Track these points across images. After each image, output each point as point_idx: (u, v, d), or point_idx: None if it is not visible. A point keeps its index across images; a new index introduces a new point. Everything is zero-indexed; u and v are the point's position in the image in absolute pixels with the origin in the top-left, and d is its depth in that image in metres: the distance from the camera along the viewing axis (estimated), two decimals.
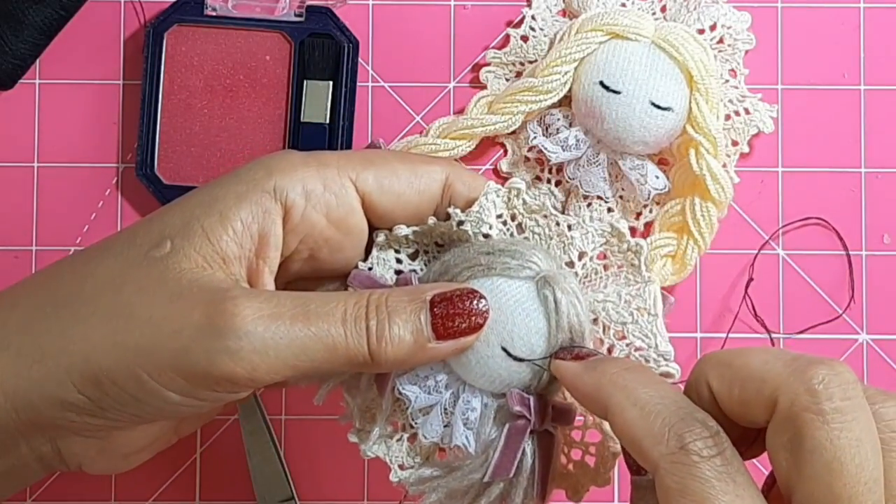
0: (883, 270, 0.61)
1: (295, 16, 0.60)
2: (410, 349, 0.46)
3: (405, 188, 0.49)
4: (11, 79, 0.60)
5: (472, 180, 0.50)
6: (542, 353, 0.47)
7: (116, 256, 0.46)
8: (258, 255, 0.47)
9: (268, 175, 0.47)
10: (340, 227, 0.49)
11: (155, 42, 0.60)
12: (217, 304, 0.44)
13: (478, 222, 0.48)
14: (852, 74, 0.61)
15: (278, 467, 0.60)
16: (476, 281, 0.48)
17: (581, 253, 0.49)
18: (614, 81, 0.58)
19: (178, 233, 0.46)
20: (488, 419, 0.48)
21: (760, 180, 0.61)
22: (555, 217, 0.48)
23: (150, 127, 0.60)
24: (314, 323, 0.45)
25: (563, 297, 0.47)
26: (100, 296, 0.45)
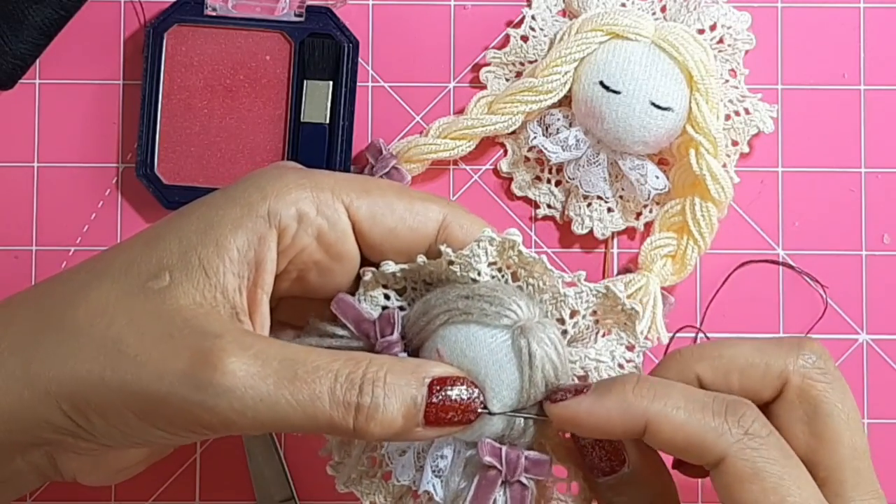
0: (883, 270, 0.61)
1: (295, 16, 0.60)
2: (398, 431, 0.45)
3: (398, 223, 0.48)
4: (11, 79, 0.60)
5: (471, 225, 0.49)
6: (513, 406, 0.46)
7: (113, 283, 0.46)
8: (255, 282, 0.46)
9: (262, 198, 0.46)
10: (330, 251, 0.48)
11: (155, 42, 0.60)
12: (204, 354, 0.44)
13: (467, 266, 0.47)
14: (852, 74, 0.61)
15: (278, 467, 0.60)
16: (452, 327, 0.47)
17: (573, 311, 0.48)
18: (614, 81, 0.58)
19: (177, 265, 0.45)
20: (458, 468, 0.47)
21: (760, 180, 0.61)
22: (550, 271, 0.47)
23: (150, 127, 0.60)
24: (299, 391, 0.44)
25: (539, 350, 0.46)
26: (91, 325, 0.45)
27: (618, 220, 0.60)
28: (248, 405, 0.43)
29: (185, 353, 0.44)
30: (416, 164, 0.60)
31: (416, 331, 0.48)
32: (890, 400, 0.60)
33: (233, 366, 0.43)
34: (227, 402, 0.43)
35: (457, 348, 0.46)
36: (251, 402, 0.43)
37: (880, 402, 0.60)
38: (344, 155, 0.60)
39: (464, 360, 0.46)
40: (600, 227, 0.60)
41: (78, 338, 0.45)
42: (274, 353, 0.44)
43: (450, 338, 0.47)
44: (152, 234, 0.47)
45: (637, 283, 0.59)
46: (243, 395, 0.43)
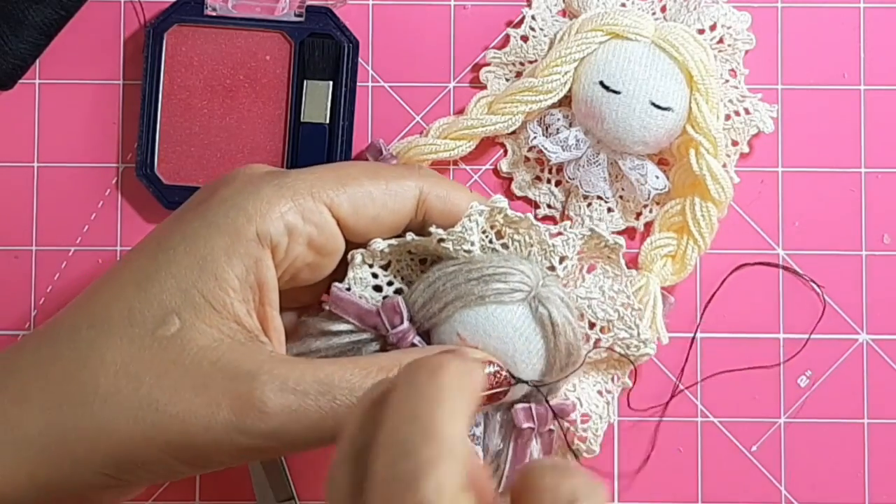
0: (883, 270, 0.61)
1: (295, 16, 0.60)
2: None
3: (380, 210, 0.49)
4: (11, 79, 0.60)
5: (447, 191, 0.50)
6: (542, 370, 0.48)
7: (122, 338, 0.45)
8: (262, 302, 0.46)
9: (248, 220, 0.46)
10: (321, 251, 0.48)
11: (155, 42, 0.60)
12: (244, 399, 0.44)
13: (460, 241, 0.49)
14: (852, 74, 0.61)
15: (278, 467, 0.60)
16: (469, 311, 0.48)
17: (563, 257, 0.50)
18: (614, 81, 0.58)
19: (182, 306, 0.45)
20: (493, 431, 0.49)
21: (760, 180, 0.61)
22: (536, 226, 0.49)
23: (150, 127, 0.60)
24: (342, 415, 0.45)
25: (559, 316, 0.48)
26: (118, 390, 0.45)
27: (618, 220, 0.60)
28: (297, 437, 0.44)
29: (224, 401, 0.44)
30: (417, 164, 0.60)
31: (427, 315, 0.49)
32: (890, 400, 0.60)
33: (275, 406, 0.44)
34: (276, 439, 0.44)
35: (479, 330, 0.48)
36: (298, 434, 0.44)
37: (880, 402, 0.60)
38: (344, 155, 0.60)
39: (489, 340, 0.48)
40: (600, 227, 0.60)
41: (110, 406, 0.44)
42: (310, 380, 0.45)
43: (469, 321, 0.48)
44: (141, 274, 0.46)
45: (637, 283, 0.58)
46: (290, 430, 0.44)
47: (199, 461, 0.45)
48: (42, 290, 0.61)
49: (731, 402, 0.60)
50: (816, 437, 0.60)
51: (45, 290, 0.61)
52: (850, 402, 0.60)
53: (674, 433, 0.60)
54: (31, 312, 0.61)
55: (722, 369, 0.60)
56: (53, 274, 0.61)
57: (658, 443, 0.60)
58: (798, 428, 0.60)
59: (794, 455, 0.60)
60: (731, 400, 0.60)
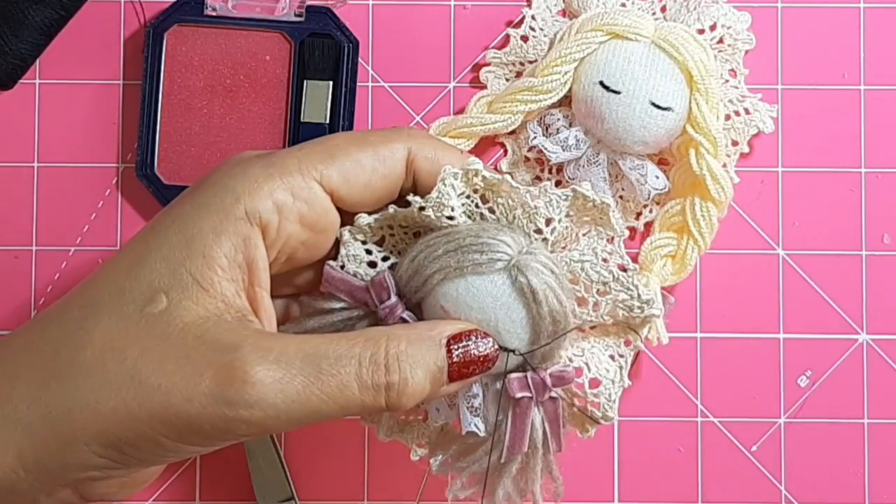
0: (883, 270, 0.61)
1: (295, 16, 0.60)
2: (426, 395, 0.46)
3: (370, 176, 0.48)
4: (11, 79, 0.60)
5: (436, 152, 0.49)
6: (529, 339, 0.48)
7: (110, 315, 0.45)
8: (251, 282, 0.46)
9: (236, 200, 0.46)
10: (315, 228, 0.48)
11: (155, 42, 0.60)
12: (227, 369, 0.44)
13: (439, 207, 0.48)
14: (852, 74, 0.61)
15: (278, 467, 0.60)
16: (450, 283, 0.48)
17: (548, 219, 0.49)
18: (614, 81, 0.58)
19: (170, 284, 0.45)
20: (493, 401, 0.49)
21: (760, 180, 0.61)
22: (516, 188, 0.48)
23: (150, 127, 0.60)
24: (327, 384, 0.44)
25: (539, 284, 0.47)
26: (103, 363, 0.45)
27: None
28: (281, 409, 0.44)
29: (207, 371, 0.44)
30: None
31: (413, 289, 0.49)
32: (890, 400, 0.60)
33: (259, 375, 0.44)
34: (261, 410, 0.44)
35: (461, 302, 0.48)
36: (283, 405, 0.44)
37: (880, 402, 0.60)
38: None
39: (471, 312, 0.48)
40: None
41: (93, 379, 0.44)
42: (294, 352, 0.44)
43: (450, 294, 0.48)
44: (133, 256, 0.46)
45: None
46: (275, 401, 0.44)
47: (184, 435, 0.44)
48: (42, 290, 0.61)
49: (731, 402, 0.60)
50: (816, 437, 0.60)
51: (45, 290, 0.61)
52: (850, 402, 0.60)
53: (674, 433, 0.60)
54: (31, 312, 0.61)
55: (722, 369, 0.60)
56: (53, 274, 0.61)
57: (658, 443, 0.60)
58: (798, 428, 0.60)
59: (794, 455, 0.60)
60: (731, 400, 0.60)
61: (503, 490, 0.50)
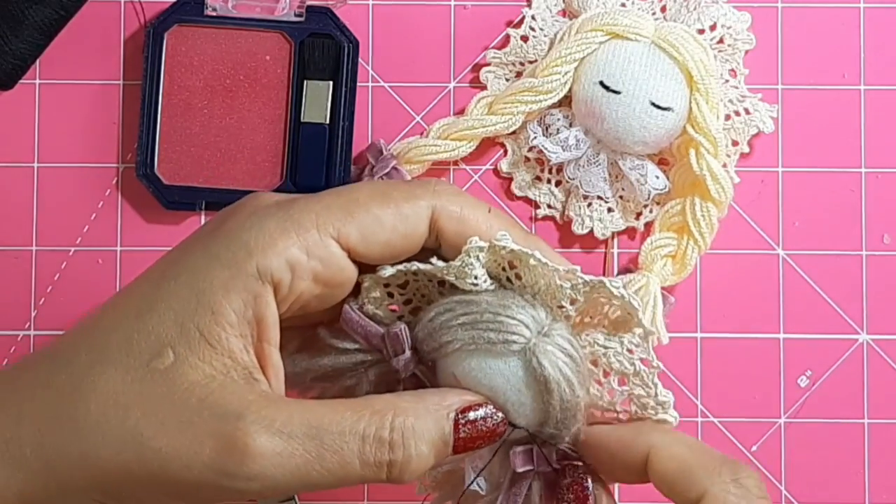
0: (883, 270, 0.61)
1: (295, 16, 0.60)
2: (429, 467, 0.46)
3: (390, 235, 0.47)
4: (11, 79, 0.60)
5: (461, 208, 0.47)
6: (538, 420, 0.47)
7: (117, 368, 0.45)
8: (260, 338, 0.45)
9: (248, 255, 0.45)
10: (329, 284, 0.47)
11: (155, 42, 0.60)
12: (228, 440, 0.43)
13: (461, 275, 0.46)
14: (852, 74, 0.61)
15: None
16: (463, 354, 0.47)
17: (573, 299, 0.47)
18: (614, 81, 0.58)
19: (177, 339, 0.44)
20: (497, 463, 0.48)
21: (760, 180, 0.61)
22: (544, 264, 0.46)
23: (150, 127, 0.60)
24: (328, 461, 0.44)
25: (552, 373, 0.46)
26: (106, 419, 0.44)
27: (618, 220, 0.60)
28: (280, 482, 0.43)
29: (208, 440, 0.43)
30: (417, 164, 0.60)
31: (427, 349, 0.47)
32: (890, 400, 0.60)
33: (260, 448, 0.43)
34: (259, 483, 0.43)
35: (471, 377, 0.47)
36: (282, 479, 0.43)
37: (880, 402, 0.60)
38: (344, 155, 0.60)
39: (481, 388, 0.46)
40: (600, 227, 0.60)
41: (96, 434, 0.44)
42: (297, 423, 0.44)
43: (462, 366, 0.47)
44: (142, 302, 0.46)
45: (637, 283, 0.59)
46: (273, 474, 0.43)
47: (183, 497, 0.44)
48: (42, 290, 0.61)
49: (731, 402, 0.60)
50: (816, 437, 0.60)
51: (45, 290, 0.61)
52: (850, 402, 0.60)
53: None
54: (31, 312, 0.61)
55: (722, 369, 0.60)
56: (53, 274, 0.61)
57: None
58: (798, 428, 0.60)
59: (794, 455, 0.60)
60: (731, 400, 0.60)
61: None
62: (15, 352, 0.61)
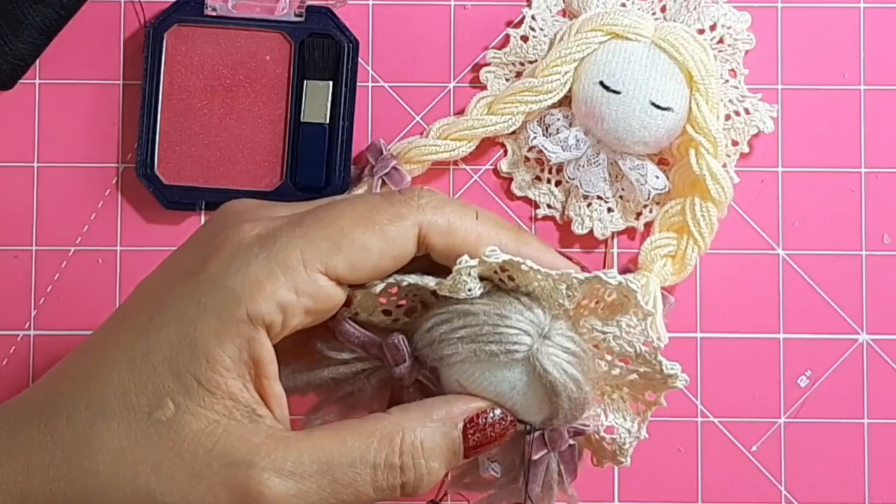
0: (883, 270, 0.61)
1: (295, 16, 0.60)
2: (440, 478, 0.46)
3: (378, 260, 0.46)
4: (11, 79, 0.60)
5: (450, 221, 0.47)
6: (547, 417, 0.47)
7: (119, 423, 0.44)
8: (259, 375, 0.45)
9: (236, 303, 0.44)
10: (321, 314, 0.47)
11: (155, 42, 0.60)
12: (241, 489, 0.43)
13: (455, 291, 0.46)
14: (852, 74, 0.61)
15: None
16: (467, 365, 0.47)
17: (569, 297, 0.47)
18: (614, 81, 0.58)
19: (176, 389, 0.44)
20: (510, 448, 0.48)
21: (760, 180, 0.61)
22: (536, 271, 0.46)
23: (150, 127, 0.60)
24: (343, 494, 0.44)
25: (558, 376, 0.46)
26: (116, 478, 0.44)
27: (618, 220, 0.60)
28: None
29: (222, 492, 0.43)
30: (417, 164, 0.60)
31: (429, 358, 0.47)
32: (890, 400, 0.60)
33: (275, 493, 0.43)
34: None
35: (477, 385, 0.47)
36: None
37: (880, 402, 0.60)
38: (344, 155, 0.60)
39: (488, 395, 0.47)
40: (600, 227, 0.60)
41: (109, 495, 0.44)
42: (308, 461, 0.44)
43: (467, 375, 0.47)
44: (134, 351, 0.45)
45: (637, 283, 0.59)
46: None
47: None
48: (42, 290, 0.61)
49: (731, 402, 0.60)
50: (816, 437, 0.60)
51: (45, 290, 0.61)
52: (850, 402, 0.60)
53: (674, 433, 0.60)
54: (31, 312, 0.61)
55: (722, 369, 0.60)
56: (53, 274, 0.61)
57: (658, 443, 0.60)
58: (798, 428, 0.60)
59: (794, 455, 0.60)
60: (731, 400, 0.60)
61: None
62: (15, 352, 0.61)
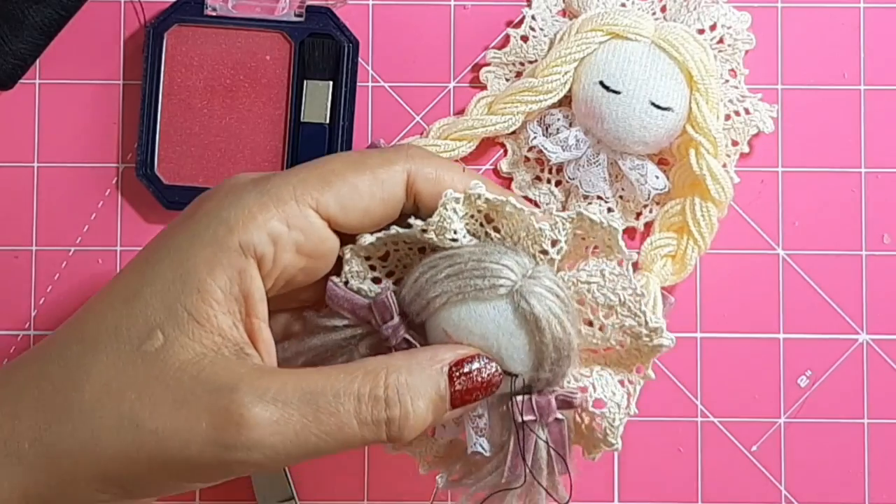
0: (883, 270, 0.61)
1: (295, 16, 0.60)
2: (428, 424, 0.46)
3: (368, 201, 0.47)
4: (11, 79, 0.60)
5: (436, 170, 0.48)
6: (532, 364, 0.47)
7: (108, 354, 0.45)
8: (248, 314, 0.46)
9: (229, 231, 0.45)
10: (313, 255, 0.47)
11: (155, 42, 0.60)
12: (223, 413, 0.43)
13: (441, 230, 0.47)
14: (852, 74, 0.61)
15: None
16: (452, 308, 0.47)
17: (554, 241, 0.48)
18: (614, 81, 0.58)
19: (166, 321, 0.45)
20: (498, 421, 0.48)
21: (760, 180, 0.61)
22: (520, 210, 0.47)
23: (150, 127, 0.60)
24: (325, 423, 0.44)
25: (542, 311, 0.46)
26: (101, 405, 0.44)
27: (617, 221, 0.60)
28: (279, 449, 0.44)
29: (204, 415, 0.43)
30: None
31: (415, 311, 0.48)
32: (890, 400, 0.60)
33: (256, 418, 0.43)
34: (259, 453, 0.43)
35: (462, 327, 0.47)
36: (281, 446, 0.44)
37: (880, 402, 0.60)
38: None
39: (473, 338, 0.47)
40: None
41: (92, 422, 0.44)
42: (291, 390, 0.44)
43: (452, 319, 0.47)
44: (129, 289, 0.46)
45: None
46: (272, 443, 0.43)
47: (186, 476, 0.44)
48: (42, 290, 0.61)
49: (731, 402, 0.60)
50: (816, 437, 0.60)
51: (45, 290, 0.61)
52: (850, 402, 0.60)
53: (674, 433, 0.60)
54: (31, 312, 0.61)
55: (722, 369, 0.60)
56: (53, 274, 0.61)
57: (658, 443, 0.60)
58: (798, 428, 0.60)
59: (794, 455, 0.60)
60: (731, 400, 0.60)
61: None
62: (15, 352, 0.61)
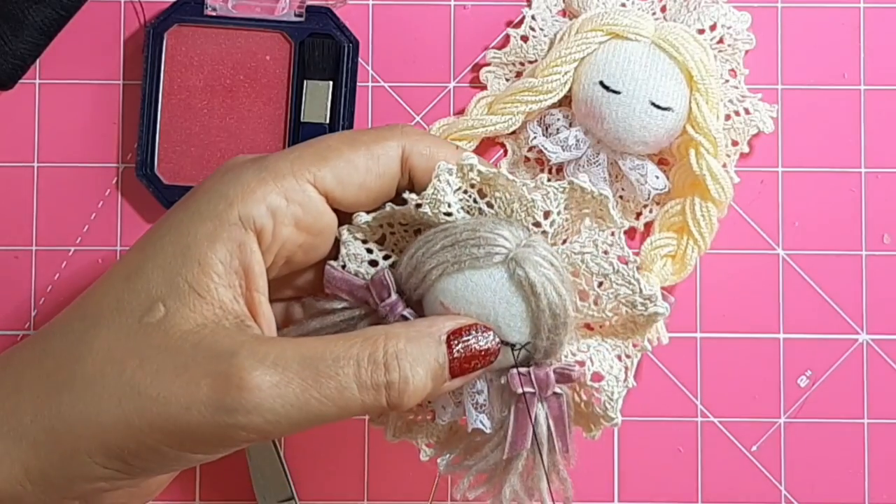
0: (883, 270, 0.61)
1: (295, 16, 0.60)
2: (427, 392, 0.46)
3: (364, 176, 0.48)
4: (11, 79, 0.60)
5: (430, 147, 0.49)
6: (530, 333, 0.48)
7: (109, 327, 0.45)
8: (249, 287, 0.46)
9: (229, 205, 0.46)
10: (311, 230, 0.48)
11: (155, 42, 0.60)
12: (224, 376, 0.44)
13: (435, 203, 0.48)
14: (852, 74, 0.61)
15: (278, 467, 0.60)
16: (448, 278, 0.47)
17: (546, 212, 0.48)
18: (614, 81, 0.58)
19: (167, 293, 0.45)
20: (497, 397, 0.49)
21: (760, 180, 0.61)
22: (512, 181, 0.48)
23: (150, 127, 0.60)
24: (325, 386, 0.44)
25: (537, 277, 0.47)
26: (103, 375, 0.45)
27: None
28: (281, 413, 0.44)
29: (205, 380, 0.44)
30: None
31: (413, 286, 0.48)
32: (890, 400, 0.60)
33: (256, 381, 0.43)
34: (259, 416, 0.44)
35: (459, 297, 0.47)
36: (282, 409, 0.44)
37: (880, 402, 0.60)
38: None
39: (470, 307, 0.47)
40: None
41: (93, 391, 0.44)
42: (291, 356, 0.44)
43: (449, 289, 0.47)
44: (131, 266, 0.46)
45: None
46: (273, 406, 0.43)
47: (185, 443, 0.44)
48: (42, 290, 0.61)
49: (731, 402, 0.60)
50: (816, 437, 0.60)
51: (45, 290, 0.61)
52: (850, 402, 0.60)
53: (674, 433, 0.60)
54: (31, 312, 0.61)
55: (722, 369, 0.60)
56: (53, 274, 0.61)
57: (658, 443, 0.60)
58: (798, 428, 0.60)
59: (794, 455, 0.60)
60: (731, 400, 0.60)
61: (510, 488, 0.50)
62: None
